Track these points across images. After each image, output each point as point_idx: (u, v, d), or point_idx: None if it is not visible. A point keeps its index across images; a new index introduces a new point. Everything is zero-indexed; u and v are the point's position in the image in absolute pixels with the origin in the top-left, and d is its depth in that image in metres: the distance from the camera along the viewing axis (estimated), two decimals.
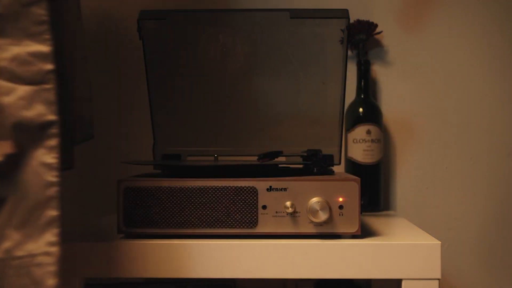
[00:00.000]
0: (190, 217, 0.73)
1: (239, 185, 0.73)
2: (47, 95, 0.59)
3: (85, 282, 0.78)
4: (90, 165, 1.18)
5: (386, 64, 1.15)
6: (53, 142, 0.60)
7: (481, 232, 1.14)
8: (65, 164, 0.73)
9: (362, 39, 1.10)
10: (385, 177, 1.14)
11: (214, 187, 0.73)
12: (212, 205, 0.73)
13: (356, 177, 0.74)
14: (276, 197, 0.73)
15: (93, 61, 1.18)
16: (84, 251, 0.73)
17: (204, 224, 0.73)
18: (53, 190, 0.60)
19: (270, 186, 0.73)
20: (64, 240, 0.74)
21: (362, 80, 1.10)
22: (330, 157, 0.88)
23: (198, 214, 0.73)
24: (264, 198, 0.73)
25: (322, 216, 0.72)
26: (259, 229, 0.73)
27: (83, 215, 1.15)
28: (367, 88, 1.09)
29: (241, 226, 0.73)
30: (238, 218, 0.73)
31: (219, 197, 0.73)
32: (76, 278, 0.73)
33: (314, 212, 0.72)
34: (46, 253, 0.60)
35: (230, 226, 0.73)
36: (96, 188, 1.17)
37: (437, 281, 0.71)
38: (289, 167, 0.90)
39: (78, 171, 1.18)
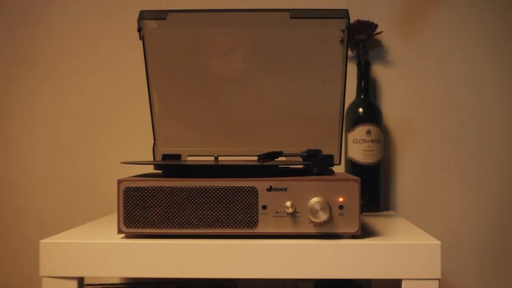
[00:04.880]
0: (190, 217, 0.73)
1: (239, 185, 0.73)
2: None
3: (85, 282, 0.78)
4: (90, 165, 1.18)
5: (386, 64, 1.15)
6: None
7: (481, 232, 1.14)
8: None
9: (362, 39, 1.10)
10: (385, 177, 1.14)
11: (214, 187, 0.73)
12: (212, 205, 0.73)
13: (356, 177, 0.74)
14: (276, 197, 0.73)
15: (93, 61, 1.18)
16: (84, 251, 0.73)
17: (204, 224, 0.73)
18: None
19: (270, 186, 0.73)
20: (64, 239, 0.74)
21: (362, 80, 1.10)
22: (330, 157, 0.88)
23: (198, 214, 0.73)
24: (264, 198, 0.73)
25: (322, 216, 0.72)
26: (259, 229, 0.73)
27: (83, 215, 1.15)
28: (367, 88, 1.09)
29: (241, 226, 0.73)
30: (238, 218, 0.73)
31: (219, 197, 0.73)
32: (75, 278, 0.73)
33: (314, 212, 0.72)
34: None
35: (230, 226, 0.73)
36: (96, 188, 1.17)
37: (437, 281, 0.71)
38: (289, 167, 0.90)
39: (78, 171, 1.18)
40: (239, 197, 0.73)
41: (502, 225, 1.14)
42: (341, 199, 0.73)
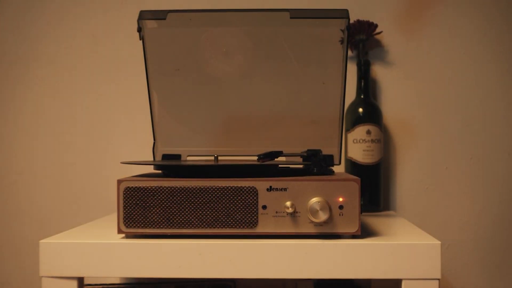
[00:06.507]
0: (190, 217, 0.73)
1: (239, 185, 0.73)
2: None
3: (85, 282, 0.78)
4: (90, 165, 1.18)
5: (386, 64, 1.15)
6: None
7: (481, 232, 1.14)
8: None
9: (362, 39, 1.10)
10: (385, 177, 1.14)
11: (214, 187, 0.73)
12: (212, 205, 0.73)
13: (356, 177, 0.74)
14: (276, 197, 0.73)
15: (93, 60, 1.18)
16: (84, 251, 0.73)
17: (204, 224, 0.73)
18: None
19: (270, 186, 0.73)
20: (64, 239, 0.74)
21: (362, 80, 1.10)
22: (330, 157, 0.88)
23: (198, 214, 0.73)
24: (264, 198, 0.73)
25: (322, 216, 0.72)
26: (259, 229, 0.73)
27: (83, 215, 1.15)
28: (367, 88, 1.09)
29: (241, 226, 0.73)
30: (238, 218, 0.73)
31: (219, 197, 0.73)
32: (75, 278, 0.73)
33: (314, 212, 0.72)
34: None
35: (230, 226, 0.73)
36: (96, 188, 1.17)
37: (437, 281, 0.71)
38: (289, 167, 0.90)
39: (78, 171, 1.18)
40: (239, 197, 0.73)
41: (502, 225, 1.14)
42: (341, 199, 0.73)
